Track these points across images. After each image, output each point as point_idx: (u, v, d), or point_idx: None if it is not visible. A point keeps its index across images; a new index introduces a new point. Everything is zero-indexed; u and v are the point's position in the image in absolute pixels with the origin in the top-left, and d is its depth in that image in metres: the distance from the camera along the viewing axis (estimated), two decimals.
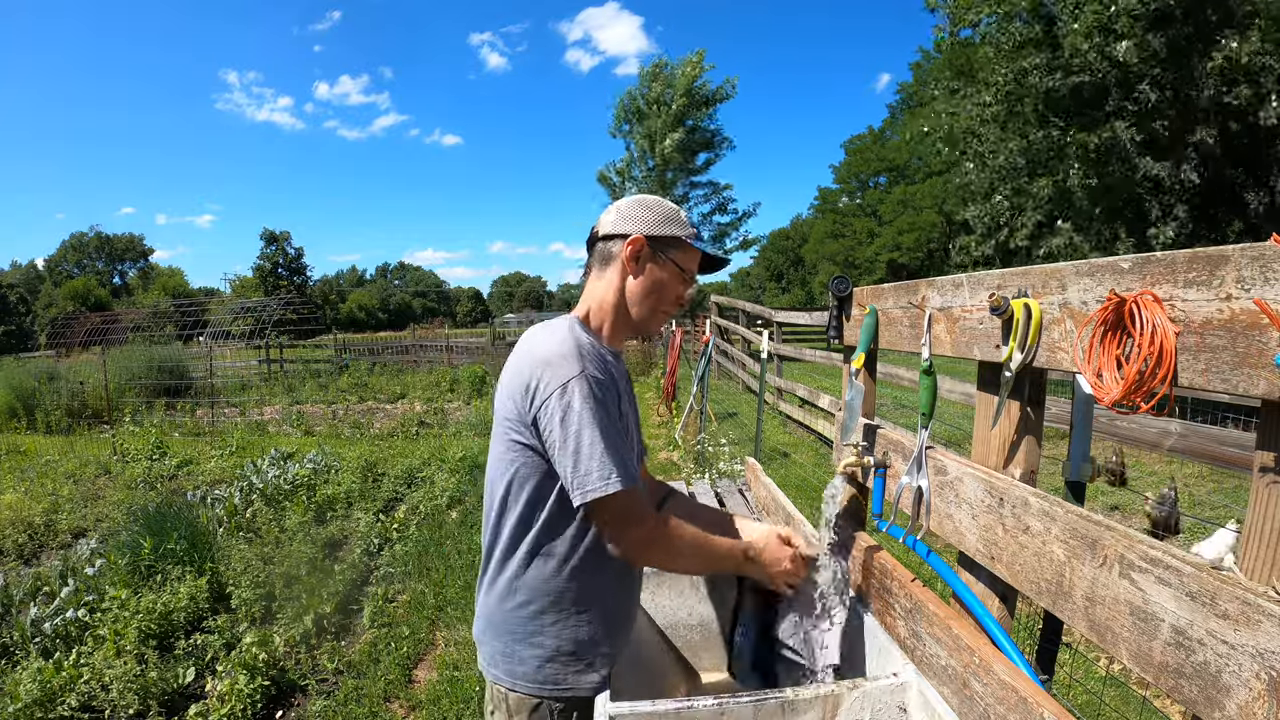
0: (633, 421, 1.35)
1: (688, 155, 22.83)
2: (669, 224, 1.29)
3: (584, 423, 1.13)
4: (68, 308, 43.56)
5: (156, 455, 7.33)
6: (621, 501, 1.15)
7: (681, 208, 1.35)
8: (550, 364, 1.17)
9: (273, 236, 55.89)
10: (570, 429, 1.13)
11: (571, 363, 1.16)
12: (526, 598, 1.24)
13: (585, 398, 1.13)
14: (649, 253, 1.28)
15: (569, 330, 1.23)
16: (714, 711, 1.17)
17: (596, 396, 1.14)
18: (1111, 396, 0.84)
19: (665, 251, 1.29)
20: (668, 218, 1.30)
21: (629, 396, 1.36)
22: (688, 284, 1.33)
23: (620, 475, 1.13)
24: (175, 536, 3.80)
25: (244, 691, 2.65)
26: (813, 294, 43.20)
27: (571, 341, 1.20)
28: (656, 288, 1.30)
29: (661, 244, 1.29)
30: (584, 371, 1.15)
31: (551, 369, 1.16)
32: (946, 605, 1.34)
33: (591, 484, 1.12)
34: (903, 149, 34.41)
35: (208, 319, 19.93)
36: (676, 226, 1.30)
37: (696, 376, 6.93)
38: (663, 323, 1.36)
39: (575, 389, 1.14)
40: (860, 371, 1.59)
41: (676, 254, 1.30)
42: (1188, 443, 3.93)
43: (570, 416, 1.13)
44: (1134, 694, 2.45)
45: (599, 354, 1.23)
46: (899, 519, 1.44)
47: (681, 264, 1.31)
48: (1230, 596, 0.72)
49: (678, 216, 1.31)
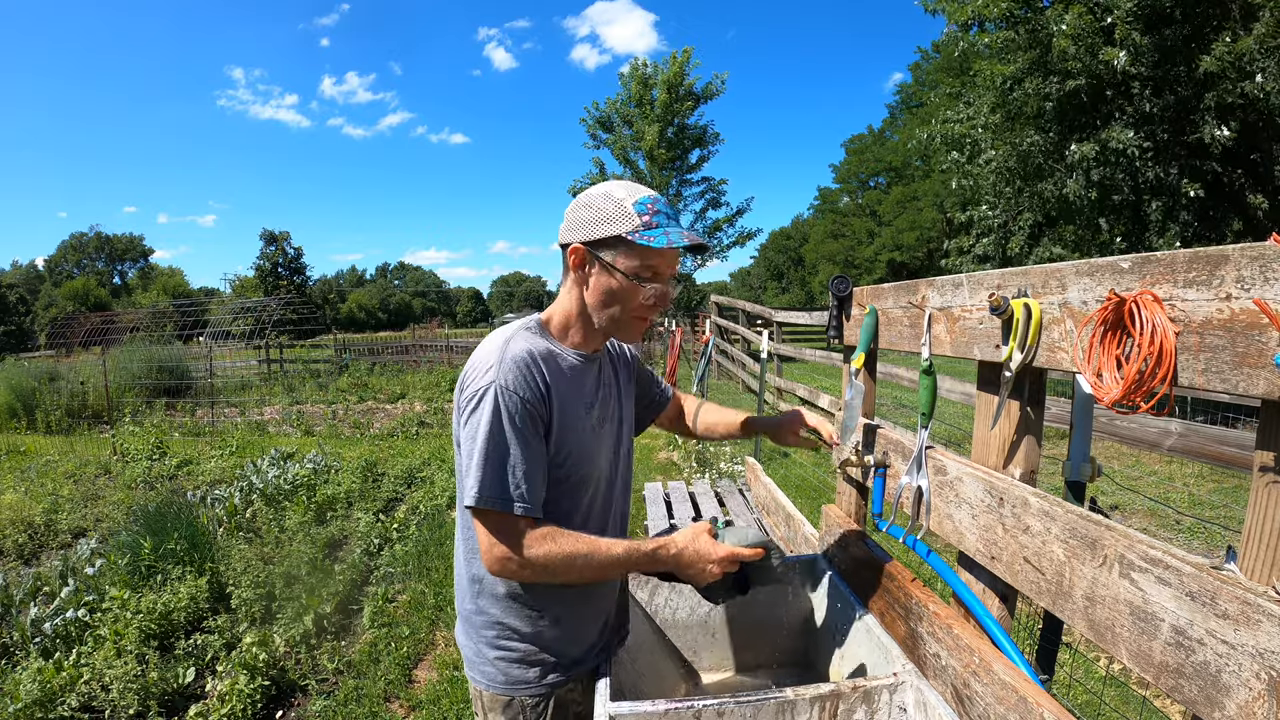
0: (609, 415, 1.30)
1: (677, 152, 22.77)
2: (608, 223, 1.15)
3: (480, 433, 1.10)
4: (68, 308, 43.59)
5: (156, 455, 7.33)
6: (493, 521, 1.11)
7: (661, 194, 1.23)
8: (473, 370, 1.16)
9: (273, 236, 55.88)
10: (468, 435, 1.13)
11: (489, 372, 1.13)
12: (485, 600, 1.24)
13: (492, 409, 1.10)
14: (591, 261, 1.18)
15: (506, 339, 1.19)
16: (714, 711, 1.17)
17: (507, 410, 1.10)
18: (1111, 396, 0.84)
19: (607, 257, 1.17)
20: (607, 217, 1.15)
21: (609, 391, 1.31)
22: (657, 283, 1.19)
23: (493, 494, 1.10)
24: (175, 536, 3.80)
25: (244, 691, 2.65)
26: (813, 294, 43.22)
27: (499, 350, 1.16)
28: (610, 298, 1.19)
29: (602, 248, 1.17)
30: (497, 383, 1.11)
31: (472, 375, 1.15)
32: (946, 605, 1.34)
33: (466, 492, 1.11)
34: (901, 150, 34.43)
35: (208, 319, 19.91)
36: (618, 223, 1.14)
37: (696, 376, 6.93)
38: (641, 329, 1.24)
39: (485, 398, 1.11)
40: (860, 371, 1.59)
41: (621, 257, 1.16)
42: (1188, 443, 3.92)
43: (472, 423, 1.12)
44: (1134, 694, 2.45)
45: (536, 365, 1.15)
46: (899, 519, 1.44)
47: (627, 269, 1.16)
48: (1230, 596, 0.72)
49: (621, 210, 1.15)
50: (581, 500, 1.25)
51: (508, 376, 1.12)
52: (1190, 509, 4.62)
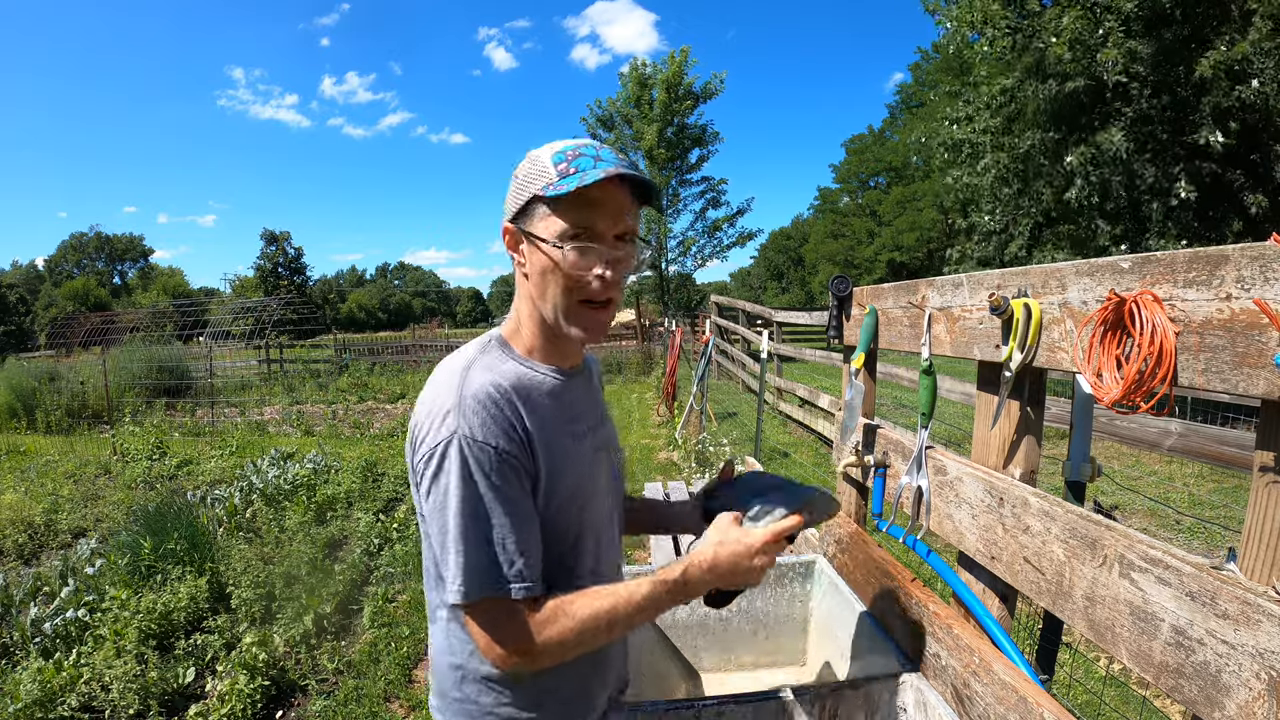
0: (603, 438, 1.09)
1: (677, 152, 22.78)
2: (528, 185, 0.94)
3: (450, 503, 0.87)
4: (68, 308, 43.60)
5: (156, 455, 7.33)
6: (488, 614, 0.90)
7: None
8: (427, 417, 0.91)
9: (273, 236, 55.97)
10: (434, 507, 0.89)
11: (447, 419, 0.88)
12: (473, 688, 1.00)
13: (459, 470, 0.86)
14: (522, 238, 0.97)
15: (463, 369, 0.94)
16: (714, 712, 1.17)
17: (479, 467, 0.87)
18: (1111, 396, 0.84)
19: (530, 225, 0.95)
20: (527, 180, 0.95)
21: (598, 408, 1.11)
22: (595, 242, 0.93)
23: (483, 583, 0.87)
24: (175, 536, 3.80)
25: (244, 691, 2.65)
26: (813, 294, 43.23)
27: (455, 388, 0.91)
28: (545, 279, 0.95)
29: (525, 219, 0.95)
30: (460, 434, 0.87)
31: (426, 425, 0.91)
32: (946, 605, 1.34)
33: (448, 584, 0.89)
34: (901, 150, 34.47)
35: (208, 319, 19.92)
36: (535, 183, 0.93)
37: (696, 376, 6.93)
38: (598, 320, 0.98)
39: (449, 456, 0.87)
40: (860, 371, 1.59)
41: (541, 221, 0.93)
42: (1188, 443, 3.93)
43: (437, 491, 0.88)
44: (1134, 694, 2.45)
45: (506, 398, 0.92)
46: (899, 519, 1.44)
47: (548, 233, 0.92)
48: (1230, 596, 0.72)
49: (538, 168, 0.94)
50: (586, 552, 1.02)
51: (472, 423, 0.88)
52: (1190, 509, 4.62)
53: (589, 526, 1.02)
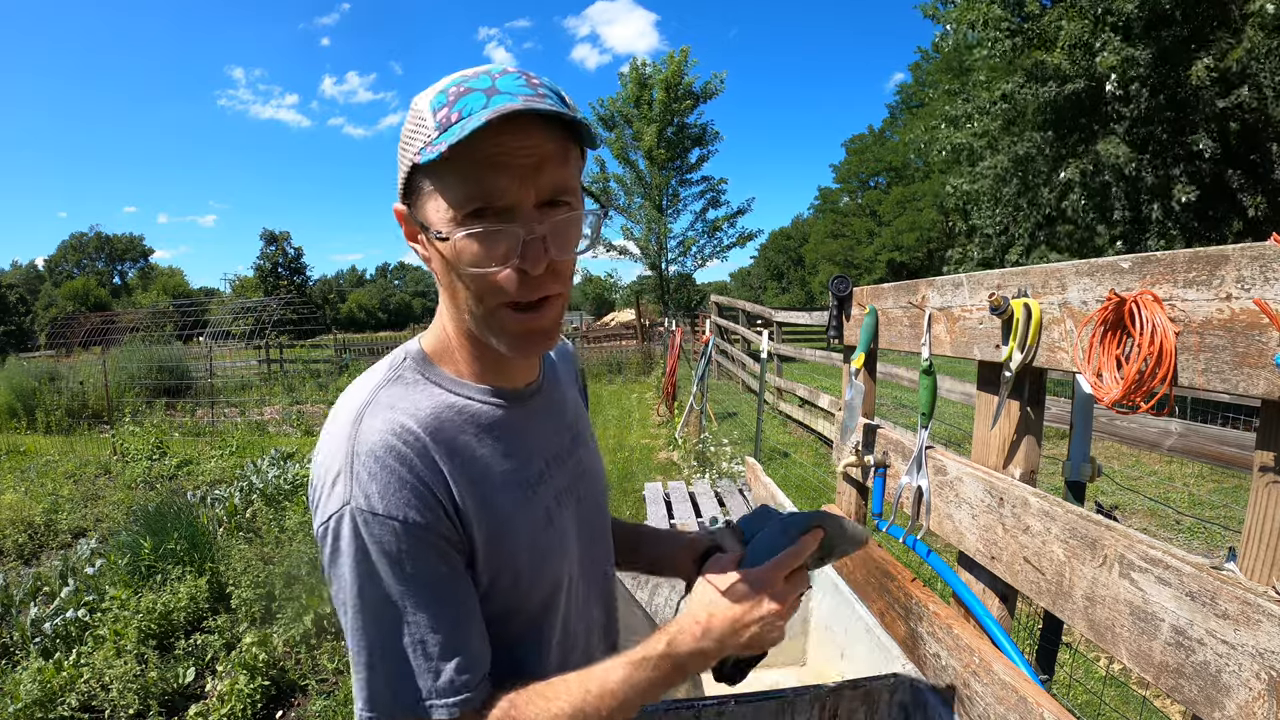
0: (571, 480, 0.82)
1: (677, 151, 22.79)
2: (406, 149, 0.67)
3: (348, 598, 0.65)
4: (68, 308, 43.62)
5: (156, 455, 7.33)
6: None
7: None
8: (319, 479, 0.67)
9: (273, 236, 56.02)
10: (337, 600, 0.67)
11: (337, 485, 0.65)
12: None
13: (354, 555, 0.64)
14: (411, 224, 0.70)
15: (358, 410, 0.68)
16: (714, 712, 1.17)
17: (381, 549, 0.63)
18: (1111, 396, 0.84)
19: (420, 208, 0.68)
20: (407, 138, 0.67)
21: (566, 439, 0.84)
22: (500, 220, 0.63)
23: (399, 702, 0.65)
24: (175, 536, 3.80)
25: (244, 691, 2.65)
26: (813, 294, 43.23)
27: (348, 434, 0.67)
28: (453, 282, 0.69)
29: (413, 198, 0.68)
30: (353, 506, 0.63)
31: (319, 490, 0.67)
32: (946, 605, 1.34)
33: (356, 695, 0.67)
34: (901, 150, 34.50)
35: (208, 319, 19.92)
36: (412, 143, 0.66)
37: (696, 376, 6.93)
38: (530, 329, 0.69)
39: (342, 536, 0.64)
40: (860, 371, 1.59)
41: (429, 201, 0.66)
42: (1188, 443, 3.93)
43: (336, 579, 0.66)
44: (1134, 694, 2.45)
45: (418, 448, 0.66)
46: (899, 519, 1.44)
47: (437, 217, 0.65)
48: (1230, 596, 0.72)
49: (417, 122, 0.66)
50: (549, 629, 0.78)
51: (369, 490, 0.64)
52: (1190, 509, 4.62)
53: (552, 600, 0.78)
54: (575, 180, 0.68)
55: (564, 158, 0.66)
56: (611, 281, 32.60)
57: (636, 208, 23.51)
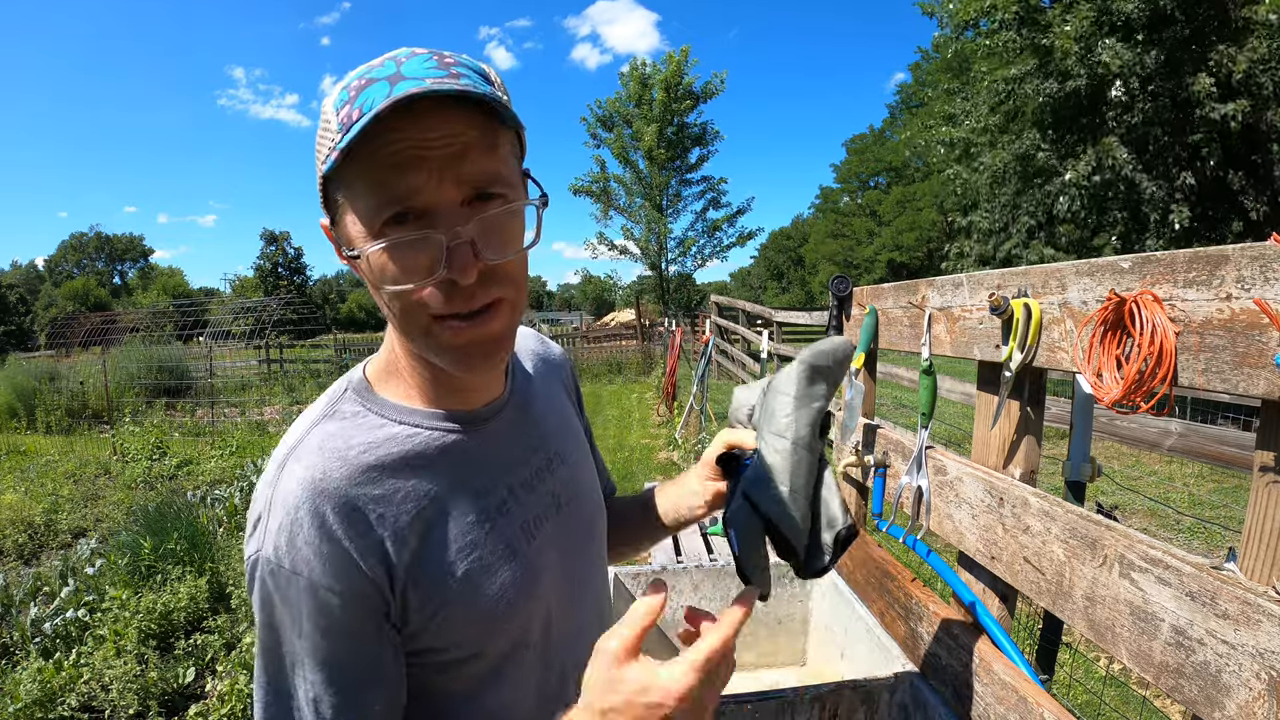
0: (546, 511, 0.74)
1: (677, 151, 22.79)
2: (318, 159, 0.59)
3: (257, 646, 0.63)
4: (68, 308, 43.61)
5: (156, 455, 7.33)
6: None
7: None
8: (249, 516, 0.63)
9: (273, 236, 56.07)
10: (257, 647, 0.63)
11: (257, 530, 0.61)
12: None
13: (260, 609, 0.61)
14: (337, 237, 0.61)
15: (294, 443, 0.64)
16: (713, 711, 1.17)
17: (289, 605, 0.59)
18: (1111, 396, 0.84)
19: (339, 219, 0.59)
20: (316, 149, 0.59)
21: (543, 460, 0.75)
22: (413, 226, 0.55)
23: None
24: (175, 536, 3.80)
25: (244, 691, 2.65)
26: (813, 294, 43.25)
27: (271, 477, 0.62)
28: (379, 292, 0.60)
29: (331, 209, 0.60)
30: (262, 556, 0.59)
31: (247, 526, 0.63)
32: (946, 605, 1.34)
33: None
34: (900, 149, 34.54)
35: (208, 319, 19.92)
36: (320, 150, 0.58)
37: (696, 376, 6.92)
38: (471, 341, 0.60)
39: (254, 587, 0.61)
40: (860, 371, 1.59)
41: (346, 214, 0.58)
42: (1188, 443, 3.93)
43: (256, 629, 0.62)
44: (1134, 694, 2.45)
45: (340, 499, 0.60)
46: (899, 519, 1.44)
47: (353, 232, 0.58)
48: (1230, 596, 0.72)
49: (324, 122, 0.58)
50: (523, 668, 0.71)
51: (278, 542, 0.59)
52: (1190, 509, 4.62)
53: (519, 646, 0.70)
54: (509, 168, 0.59)
55: (491, 144, 0.57)
56: (611, 281, 32.65)
57: (636, 208, 23.53)
